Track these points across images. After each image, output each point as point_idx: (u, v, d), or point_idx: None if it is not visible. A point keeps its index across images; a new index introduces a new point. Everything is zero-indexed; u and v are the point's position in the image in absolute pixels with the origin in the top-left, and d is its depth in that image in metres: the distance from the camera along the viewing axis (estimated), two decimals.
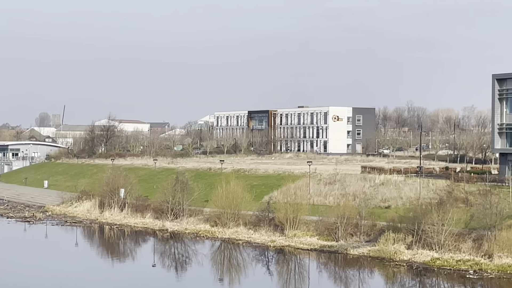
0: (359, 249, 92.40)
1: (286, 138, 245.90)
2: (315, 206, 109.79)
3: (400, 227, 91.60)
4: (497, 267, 79.50)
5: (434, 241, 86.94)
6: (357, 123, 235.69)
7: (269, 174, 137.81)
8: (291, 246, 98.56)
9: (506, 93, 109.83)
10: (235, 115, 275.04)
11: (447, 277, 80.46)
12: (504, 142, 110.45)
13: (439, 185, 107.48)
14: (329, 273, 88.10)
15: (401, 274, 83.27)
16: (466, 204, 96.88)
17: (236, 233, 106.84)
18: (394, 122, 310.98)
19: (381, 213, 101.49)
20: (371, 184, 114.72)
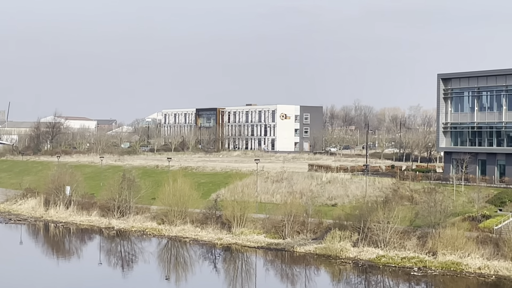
0: (305, 247, 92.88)
1: (234, 136, 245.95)
2: (262, 204, 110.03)
3: (346, 224, 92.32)
4: (441, 264, 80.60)
5: (380, 239, 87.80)
6: (304, 121, 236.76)
7: (216, 172, 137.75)
8: (238, 243, 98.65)
9: (451, 92, 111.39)
10: (183, 112, 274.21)
11: (392, 274, 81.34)
12: (449, 141, 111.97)
13: (385, 183, 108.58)
14: (276, 271, 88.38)
15: (347, 271, 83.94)
16: (411, 202, 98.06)
17: (183, 230, 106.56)
18: (341, 120, 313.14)
19: (327, 211, 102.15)
20: (318, 182, 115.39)
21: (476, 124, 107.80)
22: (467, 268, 78.81)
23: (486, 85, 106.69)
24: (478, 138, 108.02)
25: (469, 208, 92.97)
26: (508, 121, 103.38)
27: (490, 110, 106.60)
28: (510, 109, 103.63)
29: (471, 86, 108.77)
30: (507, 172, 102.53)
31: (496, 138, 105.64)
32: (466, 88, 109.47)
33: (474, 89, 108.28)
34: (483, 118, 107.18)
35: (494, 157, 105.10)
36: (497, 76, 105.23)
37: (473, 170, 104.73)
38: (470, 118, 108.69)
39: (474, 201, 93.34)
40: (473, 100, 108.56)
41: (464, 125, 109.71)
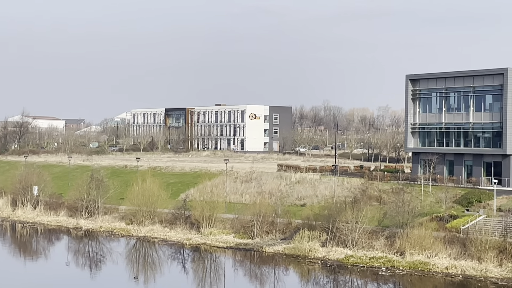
0: (274, 247, 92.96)
1: (203, 136, 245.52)
2: (232, 204, 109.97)
3: (315, 225, 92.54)
4: (409, 264, 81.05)
5: (348, 239, 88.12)
6: (274, 121, 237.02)
7: (185, 172, 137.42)
8: (207, 244, 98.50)
9: (419, 93, 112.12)
10: (152, 112, 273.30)
11: (360, 274, 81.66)
12: (417, 142, 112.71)
13: (353, 183, 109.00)
14: (245, 271, 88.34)
15: (316, 271, 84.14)
16: (379, 202, 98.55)
17: (152, 231, 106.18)
18: (311, 121, 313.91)
19: (296, 211, 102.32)
20: (287, 182, 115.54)
21: (444, 125, 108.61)
22: (434, 268, 79.33)
23: (454, 86, 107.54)
24: (445, 139, 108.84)
25: (437, 208, 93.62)
26: (476, 122, 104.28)
27: (457, 111, 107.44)
28: (477, 110, 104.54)
29: (439, 87, 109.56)
30: (474, 173, 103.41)
31: (464, 138, 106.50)
32: (434, 89, 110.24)
33: (442, 90, 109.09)
34: (450, 119, 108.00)
35: (462, 157, 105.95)
36: (465, 77, 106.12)
37: (440, 171, 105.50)
38: (438, 118, 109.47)
39: (441, 201, 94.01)
40: (441, 101, 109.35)
41: (432, 125, 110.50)
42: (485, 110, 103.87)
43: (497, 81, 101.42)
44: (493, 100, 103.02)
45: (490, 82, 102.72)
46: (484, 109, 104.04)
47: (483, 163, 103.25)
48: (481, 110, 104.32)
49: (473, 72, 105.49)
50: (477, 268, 77.52)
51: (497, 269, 76.82)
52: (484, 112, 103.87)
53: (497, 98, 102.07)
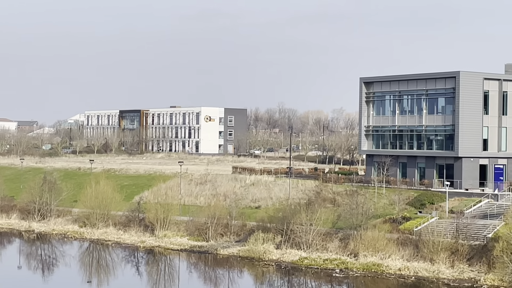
0: (229, 249, 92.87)
1: (158, 138, 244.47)
2: (186, 206, 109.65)
3: (270, 227, 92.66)
4: (362, 266, 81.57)
5: (303, 241, 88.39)
6: (229, 123, 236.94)
7: (140, 174, 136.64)
8: (161, 246, 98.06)
9: (373, 96, 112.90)
10: (106, 114, 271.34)
11: (314, 276, 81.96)
12: (371, 144, 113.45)
13: (308, 185, 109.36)
14: (199, 273, 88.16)
15: (270, 273, 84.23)
16: (333, 204, 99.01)
17: (106, 233, 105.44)
18: (266, 123, 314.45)
19: (251, 213, 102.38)
20: (242, 184, 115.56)
21: (397, 128, 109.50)
22: (387, 269, 79.93)
23: (407, 89, 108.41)
24: (399, 141, 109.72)
25: (390, 210, 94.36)
26: (429, 124, 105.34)
27: (411, 113, 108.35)
28: (430, 112, 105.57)
29: (392, 90, 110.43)
30: (427, 175, 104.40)
31: (417, 141, 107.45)
32: (388, 91, 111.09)
33: (395, 93, 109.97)
34: (404, 122, 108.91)
35: (415, 160, 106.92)
36: (418, 80, 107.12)
37: (394, 173, 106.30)
38: (392, 121, 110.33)
39: (395, 203, 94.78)
40: (395, 103, 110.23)
41: (385, 128, 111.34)
42: (438, 113, 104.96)
43: (449, 84, 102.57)
44: (446, 103, 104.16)
45: (443, 85, 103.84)
46: (437, 112, 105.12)
47: (436, 165, 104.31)
48: (433, 113, 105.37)
49: (426, 75, 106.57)
50: (430, 269, 78.29)
51: (449, 270, 77.67)
52: (437, 115, 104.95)
53: (449, 101, 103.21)
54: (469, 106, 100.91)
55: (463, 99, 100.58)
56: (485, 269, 75.97)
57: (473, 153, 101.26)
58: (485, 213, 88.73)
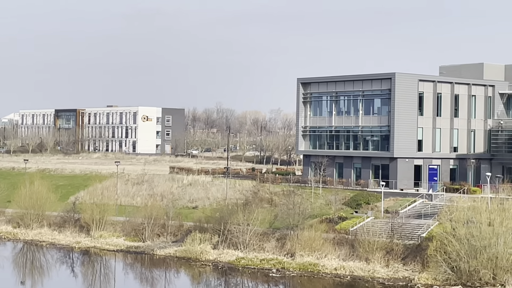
0: (165, 250, 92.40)
1: (94, 137, 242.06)
2: (123, 206, 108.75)
3: (207, 227, 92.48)
4: (299, 266, 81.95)
5: (240, 241, 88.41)
6: (166, 123, 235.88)
7: (75, 174, 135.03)
8: (97, 247, 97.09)
9: (310, 96, 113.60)
10: (41, 113, 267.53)
11: (251, 276, 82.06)
12: (308, 144, 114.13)
13: (245, 186, 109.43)
14: (135, 274, 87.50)
15: (207, 274, 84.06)
16: (271, 204, 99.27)
17: (40, 234, 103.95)
18: (203, 123, 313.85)
19: (188, 213, 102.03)
20: (179, 184, 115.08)
21: (334, 128, 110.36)
22: (323, 269, 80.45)
23: (344, 90, 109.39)
24: (335, 142, 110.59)
25: (327, 210, 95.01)
26: (365, 125, 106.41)
27: (347, 114, 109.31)
28: (366, 113, 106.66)
29: (329, 90, 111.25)
30: (363, 175, 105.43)
31: (353, 142, 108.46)
32: (325, 92, 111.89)
33: (332, 94, 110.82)
34: (340, 122, 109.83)
35: (351, 160, 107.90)
36: (354, 81, 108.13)
37: (330, 173, 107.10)
38: (328, 122, 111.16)
39: (331, 203, 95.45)
40: (331, 104, 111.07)
41: (322, 129, 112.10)
42: (374, 114, 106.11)
43: (385, 85, 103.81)
44: (382, 104, 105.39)
45: (379, 87, 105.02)
46: (373, 113, 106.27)
47: (372, 165, 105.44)
48: (370, 113, 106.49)
49: (363, 76, 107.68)
50: (365, 268, 79.06)
51: (384, 270, 78.55)
52: (373, 115, 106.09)
53: (385, 102, 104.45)
54: (404, 107, 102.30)
55: (399, 101, 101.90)
56: (419, 268, 77.07)
57: (408, 154, 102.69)
58: (419, 213, 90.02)
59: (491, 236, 72.28)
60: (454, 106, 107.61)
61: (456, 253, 73.15)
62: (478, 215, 74.28)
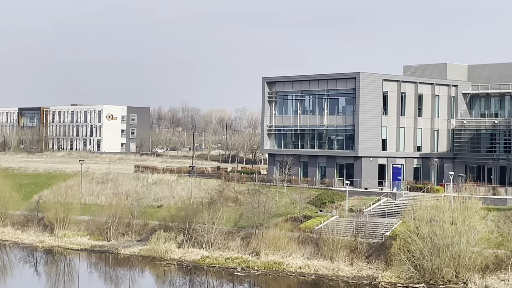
0: (130, 249, 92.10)
1: (59, 136, 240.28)
2: (87, 205, 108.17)
3: (172, 226, 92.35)
4: (264, 264, 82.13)
5: (205, 240, 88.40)
6: (131, 122, 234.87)
7: (39, 173, 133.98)
8: (61, 246, 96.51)
9: (275, 96, 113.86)
10: (4, 111, 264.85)
11: (216, 274, 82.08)
12: (273, 143, 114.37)
13: (210, 184, 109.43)
14: (100, 273, 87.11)
15: (172, 272, 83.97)
16: (236, 203, 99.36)
17: (3, 233, 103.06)
18: (169, 122, 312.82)
19: (153, 212, 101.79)
20: (144, 183, 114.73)
21: (299, 127, 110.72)
22: (288, 268, 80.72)
23: (309, 89, 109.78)
24: (301, 141, 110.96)
25: (292, 209, 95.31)
26: (330, 124, 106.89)
27: (312, 113, 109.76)
28: (331, 113, 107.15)
29: (294, 90, 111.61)
30: (327, 174, 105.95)
31: (318, 141, 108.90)
32: (290, 91, 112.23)
33: (297, 93, 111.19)
34: (305, 122, 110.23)
35: (316, 159, 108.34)
36: (320, 81, 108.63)
37: (295, 172, 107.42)
38: (294, 121, 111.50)
39: (296, 202, 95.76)
40: (297, 103, 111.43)
41: (287, 128, 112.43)
42: (339, 113, 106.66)
43: (350, 85, 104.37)
44: (346, 104, 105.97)
45: (344, 86, 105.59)
46: (338, 112, 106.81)
47: (336, 164, 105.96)
48: (334, 113, 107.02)
49: (328, 76, 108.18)
50: (329, 267, 79.47)
51: (348, 268, 79.02)
52: (338, 115, 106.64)
53: (350, 101, 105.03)
54: (369, 106, 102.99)
55: (363, 100, 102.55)
56: (383, 266, 77.65)
57: (372, 153, 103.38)
58: (383, 212, 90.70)
59: (453, 234, 73.04)
60: (418, 105, 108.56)
61: (419, 252, 73.82)
62: (441, 213, 75.01)
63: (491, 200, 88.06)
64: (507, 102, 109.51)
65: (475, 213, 74.97)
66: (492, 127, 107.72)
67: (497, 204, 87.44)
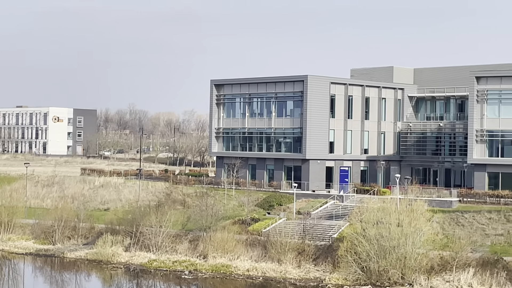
0: (76, 252, 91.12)
1: (3, 138, 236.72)
2: (32, 209, 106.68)
3: (119, 229, 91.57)
4: (211, 267, 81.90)
5: (152, 243, 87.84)
6: (78, 124, 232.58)
7: None
8: (5, 250, 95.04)
9: (223, 98, 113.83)
10: None
11: (163, 278, 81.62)
12: (221, 146, 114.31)
13: (158, 187, 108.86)
14: (45, 277, 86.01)
15: (118, 276, 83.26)
16: (183, 206, 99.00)
17: None
18: (116, 124, 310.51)
19: (100, 215, 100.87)
20: (91, 186, 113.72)
21: (247, 130, 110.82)
22: (236, 270, 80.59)
23: (257, 92, 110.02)
24: (249, 143, 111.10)
25: (240, 211, 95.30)
26: (278, 127, 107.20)
27: (260, 116, 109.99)
28: (279, 115, 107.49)
29: (242, 92, 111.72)
30: (275, 177, 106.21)
31: (266, 143, 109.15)
32: (238, 94, 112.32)
33: (245, 96, 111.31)
34: (253, 124, 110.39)
35: (264, 162, 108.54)
36: (267, 84, 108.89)
37: (243, 175, 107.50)
38: (242, 123, 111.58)
39: (244, 204, 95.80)
40: (245, 106, 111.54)
41: (235, 130, 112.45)
42: (286, 116, 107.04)
43: (297, 88, 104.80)
44: (294, 106, 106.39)
45: (291, 89, 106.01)
46: (286, 115, 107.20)
47: (284, 167, 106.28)
48: (282, 115, 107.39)
49: (276, 78, 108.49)
50: (277, 269, 79.55)
51: (295, 270, 79.19)
52: (285, 117, 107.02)
53: (297, 104, 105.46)
54: (317, 109, 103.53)
55: (311, 103, 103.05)
56: (330, 268, 77.99)
57: (320, 156, 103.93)
58: (331, 214, 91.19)
59: (400, 236, 73.71)
60: (364, 108, 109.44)
61: (366, 254, 74.33)
62: (388, 216, 75.64)
63: (436, 202, 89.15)
64: (452, 105, 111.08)
65: (420, 215, 75.77)
66: (438, 130, 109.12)
67: (442, 206, 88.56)
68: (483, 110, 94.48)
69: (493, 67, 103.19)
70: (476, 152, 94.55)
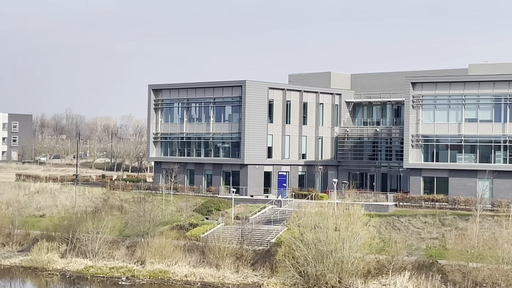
0: (11, 259, 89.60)
1: None
2: None
3: (55, 235, 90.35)
4: (149, 273, 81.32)
5: (89, 249, 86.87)
6: (13, 129, 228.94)
7: None
8: None
9: (162, 103, 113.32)
10: None
11: (100, 284, 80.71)
12: (159, 151, 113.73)
13: (95, 193, 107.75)
14: None
15: (54, 283, 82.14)
16: (121, 212, 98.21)
17: None
18: (52, 129, 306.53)
19: (35, 222, 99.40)
20: (26, 192, 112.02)
21: (185, 135, 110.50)
22: (174, 276, 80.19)
23: (195, 97, 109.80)
24: (187, 149, 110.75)
25: (178, 217, 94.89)
26: (216, 132, 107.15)
27: (199, 121, 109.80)
28: (217, 120, 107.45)
29: (181, 97, 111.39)
30: (214, 182, 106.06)
31: (204, 148, 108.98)
32: (176, 99, 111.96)
33: (183, 101, 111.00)
34: (192, 129, 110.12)
35: (202, 167, 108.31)
36: (206, 89, 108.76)
37: (182, 180, 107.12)
38: (180, 128, 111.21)
39: (182, 210, 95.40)
40: (183, 111, 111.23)
41: (173, 135, 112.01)
42: (225, 121, 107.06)
43: (236, 93, 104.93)
44: (232, 111, 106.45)
45: (230, 94, 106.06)
46: (224, 120, 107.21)
47: (223, 172, 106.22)
48: (221, 120, 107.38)
49: (214, 83, 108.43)
50: (215, 275, 79.39)
51: (234, 275, 79.13)
52: (224, 122, 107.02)
53: (236, 109, 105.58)
54: (255, 114, 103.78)
55: (249, 108, 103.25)
56: (268, 273, 78.12)
57: (258, 161, 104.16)
58: (269, 219, 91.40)
59: (337, 240, 74.21)
60: (302, 113, 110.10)
61: (303, 258, 74.64)
62: (325, 220, 76.09)
63: (373, 207, 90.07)
64: (389, 110, 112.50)
65: (357, 220, 76.42)
66: (374, 135, 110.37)
67: (379, 210, 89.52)
68: (419, 115, 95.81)
69: (428, 73, 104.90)
70: (412, 156, 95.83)
